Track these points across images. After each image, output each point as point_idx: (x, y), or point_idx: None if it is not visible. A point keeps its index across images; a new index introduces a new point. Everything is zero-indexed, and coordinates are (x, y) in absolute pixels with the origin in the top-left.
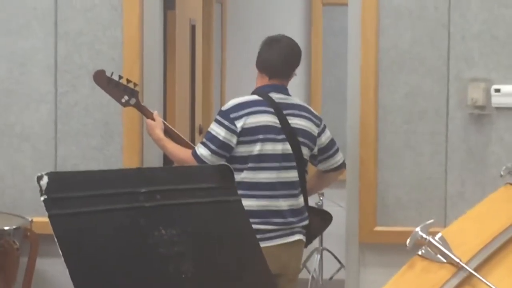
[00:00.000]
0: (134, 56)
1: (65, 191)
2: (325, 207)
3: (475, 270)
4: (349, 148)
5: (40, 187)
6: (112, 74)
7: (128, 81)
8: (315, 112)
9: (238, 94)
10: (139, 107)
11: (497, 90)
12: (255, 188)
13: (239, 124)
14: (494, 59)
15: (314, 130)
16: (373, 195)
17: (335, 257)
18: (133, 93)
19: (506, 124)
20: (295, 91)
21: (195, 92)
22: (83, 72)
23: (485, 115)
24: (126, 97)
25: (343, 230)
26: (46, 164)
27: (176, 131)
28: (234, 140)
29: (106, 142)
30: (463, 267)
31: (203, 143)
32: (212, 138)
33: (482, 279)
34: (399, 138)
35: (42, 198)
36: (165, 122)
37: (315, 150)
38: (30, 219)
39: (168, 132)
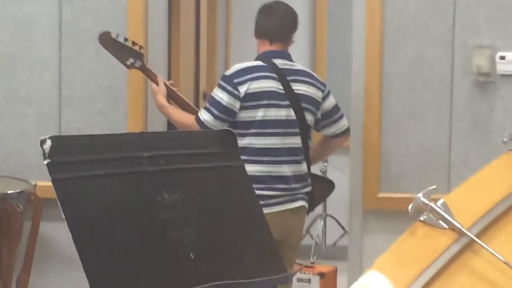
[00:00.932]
0: (138, 21)
1: (68, 155)
2: (329, 174)
3: (476, 236)
4: (353, 116)
5: (43, 150)
6: (117, 35)
7: (134, 43)
8: (319, 77)
9: (242, 60)
10: (144, 69)
11: (502, 57)
12: (258, 153)
13: (242, 89)
14: (500, 27)
15: (318, 95)
16: (377, 162)
17: (339, 223)
18: (138, 55)
19: (510, 91)
20: (300, 59)
21: (199, 58)
22: (87, 37)
23: (490, 83)
24: (131, 59)
25: (347, 196)
26: (50, 129)
27: (180, 94)
28: (237, 105)
29: (111, 107)
30: (464, 233)
31: (206, 108)
32: (215, 103)
33: (484, 245)
34: (404, 106)
35: (45, 162)
36: (169, 86)
37: (319, 115)
38: (34, 183)
39: (172, 96)
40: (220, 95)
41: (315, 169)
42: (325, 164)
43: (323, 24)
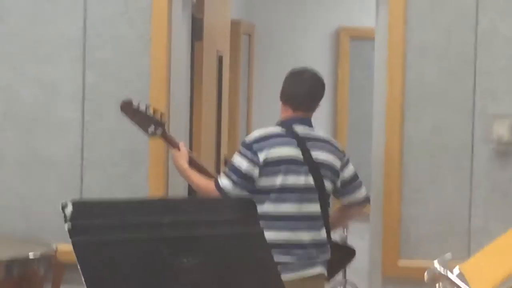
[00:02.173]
0: (161, 86)
1: (89, 219)
2: (349, 240)
3: None
4: (373, 181)
5: (65, 214)
6: (139, 104)
7: (155, 110)
8: (338, 145)
9: (264, 126)
10: (166, 137)
11: None
12: (277, 220)
13: (262, 156)
14: None
15: (337, 163)
16: (397, 229)
17: None
18: (159, 123)
19: None
20: (321, 123)
21: (221, 123)
22: (109, 101)
23: (510, 151)
24: (152, 127)
25: (367, 264)
26: (72, 192)
27: (200, 162)
28: (256, 171)
29: (132, 170)
30: None
31: (225, 174)
32: (235, 169)
33: None
34: (424, 172)
35: (66, 226)
36: (191, 153)
37: (338, 183)
38: (55, 247)
39: (193, 163)
40: (240, 162)
41: (335, 236)
42: (345, 231)
43: (344, 88)
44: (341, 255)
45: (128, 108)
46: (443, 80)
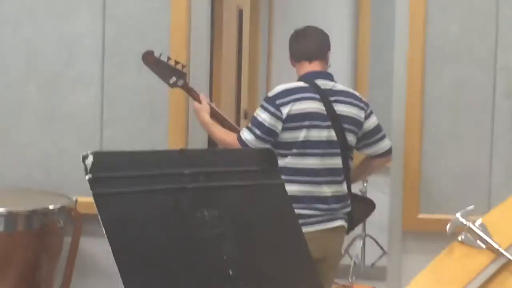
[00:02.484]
0: (181, 40)
1: (110, 171)
2: (369, 194)
3: None
4: (394, 137)
5: (85, 166)
6: (160, 55)
7: (177, 62)
8: (361, 97)
9: (283, 79)
10: (187, 88)
11: None
12: (299, 173)
13: (285, 110)
14: None
15: (360, 115)
16: (417, 183)
17: (378, 244)
18: (181, 74)
19: None
20: (341, 79)
21: (241, 77)
22: (130, 56)
23: None
24: (174, 78)
25: (386, 217)
26: (92, 146)
27: (222, 113)
28: (279, 126)
29: (152, 124)
30: (502, 253)
31: (248, 128)
32: (258, 124)
33: None
34: (444, 128)
35: (86, 177)
36: (212, 105)
37: (360, 134)
38: (74, 199)
39: (214, 115)
40: (263, 116)
41: (355, 189)
42: (365, 184)
43: (365, 44)
44: (361, 208)
45: (150, 59)
46: (465, 34)
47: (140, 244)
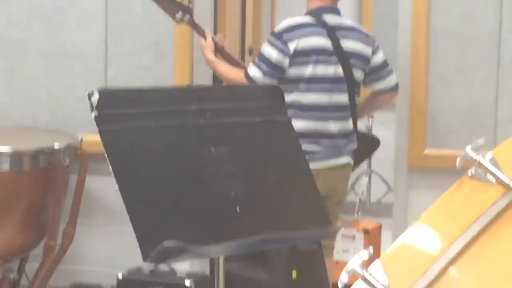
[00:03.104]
0: None
1: (116, 108)
2: (374, 130)
3: None
4: (399, 72)
5: (91, 103)
6: None
7: None
8: (368, 33)
9: (288, 16)
10: (193, 24)
11: None
12: (305, 109)
13: (292, 46)
14: None
15: (368, 51)
16: (423, 119)
17: (383, 180)
18: (187, 9)
19: None
20: (346, 14)
21: (245, 13)
22: None
23: None
24: (180, 13)
25: (392, 153)
26: (97, 83)
27: (227, 50)
28: (286, 61)
29: (157, 61)
30: None
31: (255, 64)
32: (265, 59)
33: None
34: (450, 62)
35: (92, 114)
36: (216, 41)
37: (367, 69)
38: (80, 137)
39: (219, 51)
40: (270, 51)
41: (360, 125)
42: (370, 120)
43: None
44: (366, 145)
45: None
46: None
47: (146, 180)
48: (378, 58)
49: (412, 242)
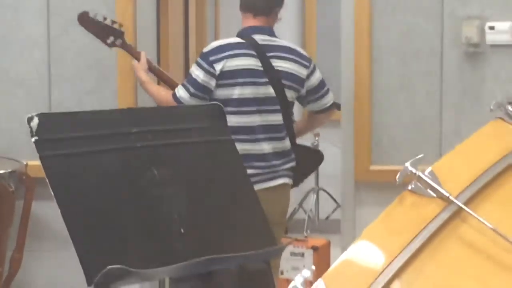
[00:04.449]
0: (127, 1)
1: (56, 132)
2: (321, 147)
3: (464, 204)
4: (343, 89)
5: (31, 128)
6: (95, 15)
7: (113, 22)
8: (303, 53)
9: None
10: (125, 47)
11: (491, 28)
12: (236, 132)
13: (218, 67)
14: None
15: (302, 72)
16: (368, 135)
17: (331, 197)
18: (118, 33)
19: (500, 61)
20: (289, 32)
21: (188, 40)
22: (75, 16)
23: (480, 53)
24: (111, 38)
25: (339, 170)
26: (41, 108)
27: (163, 70)
28: (212, 83)
29: (100, 85)
30: (452, 201)
31: (183, 85)
32: (192, 81)
33: (472, 212)
34: (394, 78)
35: (32, 139)
36: (151, 61)
37: (303, 91)
38: (25, 163)
39: (155, 72)
40: (196, 73)
41: (306, 143)
42: (316, 138)
43: None
44: (309, 160)
45: (85, 20)
46: None
47: (88, 204)
48: (315, 79)
49: (354, 259)
